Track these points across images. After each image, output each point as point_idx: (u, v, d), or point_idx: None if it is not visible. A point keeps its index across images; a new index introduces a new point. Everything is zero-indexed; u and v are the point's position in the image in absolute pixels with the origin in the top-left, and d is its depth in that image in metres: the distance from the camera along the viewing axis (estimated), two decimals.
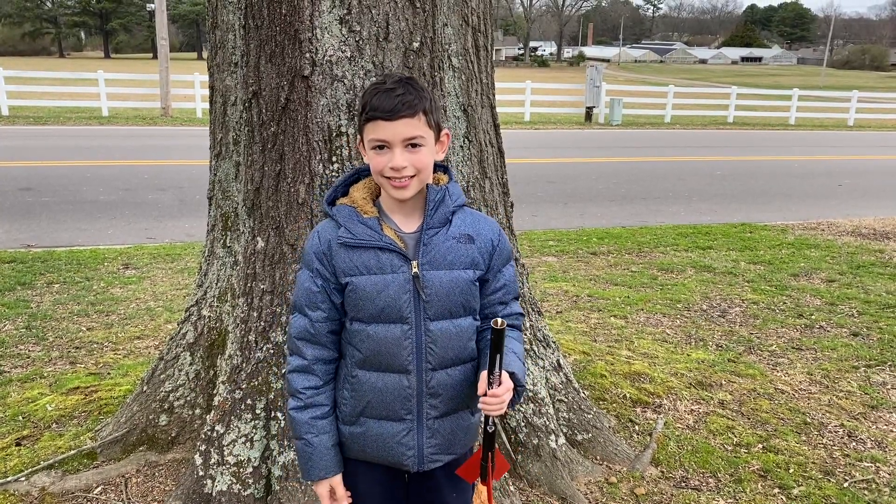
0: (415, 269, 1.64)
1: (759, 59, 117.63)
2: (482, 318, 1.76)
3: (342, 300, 1.69)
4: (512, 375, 1.61)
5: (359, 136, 1.68)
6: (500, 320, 1.52)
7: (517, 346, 1.74)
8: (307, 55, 2.37)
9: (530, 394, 2.92)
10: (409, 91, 1.59)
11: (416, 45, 2.46)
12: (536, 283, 5.95)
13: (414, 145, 1.60)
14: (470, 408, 1.80)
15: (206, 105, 19.50)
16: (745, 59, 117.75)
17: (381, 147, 1.61)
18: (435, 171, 1.74)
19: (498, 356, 1.54)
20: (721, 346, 4.62)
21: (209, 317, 2.96)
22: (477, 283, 1.71)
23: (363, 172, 1.76)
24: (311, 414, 1.73)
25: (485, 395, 1.57)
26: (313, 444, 1.73)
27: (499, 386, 1.56)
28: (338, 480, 1.77)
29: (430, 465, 1.75)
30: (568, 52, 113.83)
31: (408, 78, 1.64)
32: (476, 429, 1.86)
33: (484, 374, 1.58)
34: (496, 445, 1.73)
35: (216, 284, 2.95)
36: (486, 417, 1.65)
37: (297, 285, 1.74)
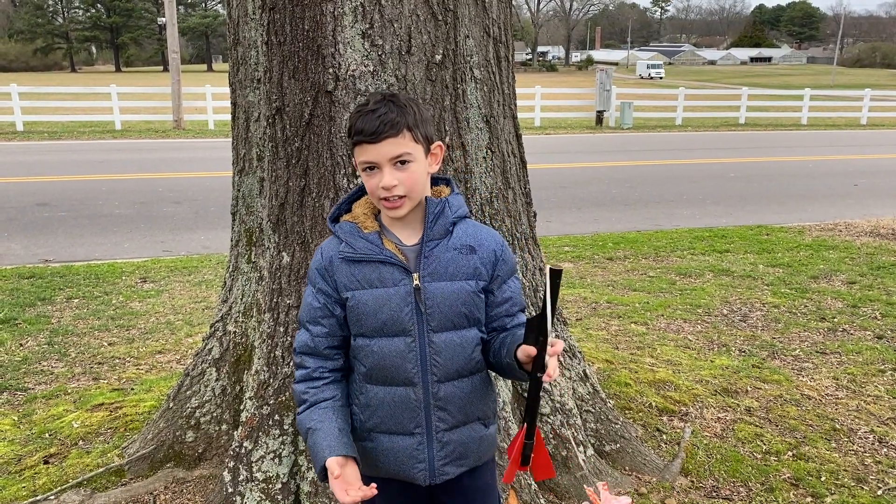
0: (416, 282, 1.64)
1: (768, 60, 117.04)
2: (489, 332, 1.75)
3: (345, 314, 1.69)
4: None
5: (353, 158, 1.68)
6: (556, 264, 1.44)
7: None
8: (330, 70, 2.37)
9: (558, 405, 2.90)
10: (391, 109, 1.58)
11: (438, 57, 2.46)
12: None
13: (402, 162, 1.60)
14: (482, 420, 1.78)
15: (218, 117, 19.41)
16: (754, 60, 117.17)
17: (370, 168, 1.61)
18: (437, 184, 1.74)
19: (552, 307, 1.43)
20: (744, 352, 4.58)
21: (234, 332, 2.96)
22: (481, 294, 1.70)
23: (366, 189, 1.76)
24: (317, 410, 1.67)
25: (538, 360, 1.47)
26: (318, 429, 1.63)
27: (553, 346, 1.48)
28: (343, 461, 1.57)
29: (442, 477, 1.73)
30: (576, 56, 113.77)
31: (390, 95, 1.63)
32: (492, 440, 1.83)
33: (525, 347, 1.51)
34: (537, 426, 1.64)
35: (241, 300, 2.95)
36: (535, 387, 1.54)
37: (302, 301, 1.75)
